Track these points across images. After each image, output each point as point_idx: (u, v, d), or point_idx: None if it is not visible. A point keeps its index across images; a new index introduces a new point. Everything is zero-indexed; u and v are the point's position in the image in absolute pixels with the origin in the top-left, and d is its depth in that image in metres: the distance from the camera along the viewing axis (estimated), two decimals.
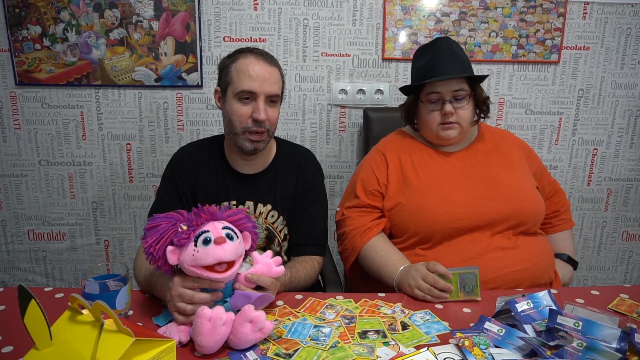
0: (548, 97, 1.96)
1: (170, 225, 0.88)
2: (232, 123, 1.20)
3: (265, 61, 1.19)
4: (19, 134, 1.88)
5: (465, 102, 1.28)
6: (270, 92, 1.18)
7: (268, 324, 0.85)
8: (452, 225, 1.21)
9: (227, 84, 1.20)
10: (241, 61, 1.19)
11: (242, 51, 1.22)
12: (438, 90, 1.27)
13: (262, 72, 1.17)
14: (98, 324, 0.68)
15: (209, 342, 0.81)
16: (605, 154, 2.03)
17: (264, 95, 1.17)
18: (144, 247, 0.88)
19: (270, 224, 1.28)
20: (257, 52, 1.21)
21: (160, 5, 1.77)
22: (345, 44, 1.86)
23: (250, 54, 1.20)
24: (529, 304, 0.92)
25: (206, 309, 0.82)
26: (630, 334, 0.81)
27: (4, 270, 2.02)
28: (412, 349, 0.86)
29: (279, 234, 1.29)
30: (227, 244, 0.86)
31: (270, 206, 1.27)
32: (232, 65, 1.19)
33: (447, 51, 1.28)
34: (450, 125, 1.28)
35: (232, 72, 1.19)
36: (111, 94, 1.86)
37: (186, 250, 0.86)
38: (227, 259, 0.86)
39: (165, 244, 0.86)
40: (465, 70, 1.28)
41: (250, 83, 1.16)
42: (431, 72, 1.27)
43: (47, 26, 1.76)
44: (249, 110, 1.17)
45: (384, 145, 1.40)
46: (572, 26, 1.89)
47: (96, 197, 1.96)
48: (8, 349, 0.83)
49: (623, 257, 2.16)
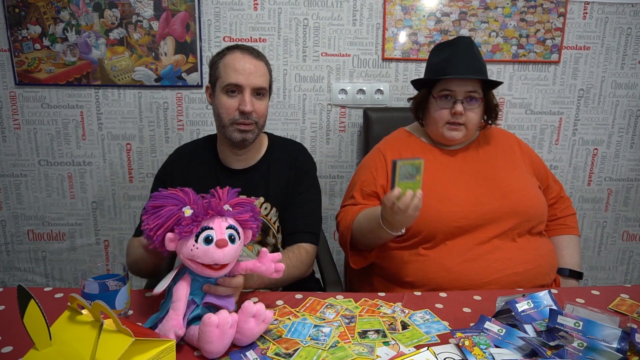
0: (548, 97, 1.96)
1: (175, 209, 0.85)
2: (220, 116, 1.24)
3: (251, 55, 1.24)
4: (18, 134, 1.88)
5: (477, 105, 1.28)
6: (256, 85, 1.22)
7: (268, 313, 0.86)
8: (454, 224, 1.21)
9: (216, 79, 1.25)
10: (228, 57, 1.23)
11: (230, 48, 1.26)
12: (452, 89, 1.26)
13: (247, 65, 1.21)
14: (97, 324, 0.68)
15: (219, 347, 0.81)
16: (605, 154, 2.03)
17: (250, 88, 1.21)
18: (143, 228, 0.87)
19: (264, 216, 1.29)
20: (243, 48, 1.25)
21: (160, 5, 1.77)
22: (345, 44, 1.86)
23: (237, 49, 1.25)
24: (529, 304, 0.92)
25: (212, 317, 0.80)
26: (630, 334, 0.81)
27: (4, 270, 2.02)
28: (412, 348, 0.85)
29: (273, 226, 1.30)
30: (227, 248, 0.85)
31: (263, 199, 1.29)
32: (220, 62, 1.24)
33: (467, 51, 1.27)
34: (456, 127, 1.28)
35: (220, 67, 1.24)
36: (111, 94, 1.85)
37: (186, 243, 0.85)
38: (225, 262, 0.86)
39: (166, 231, 0.85)
40: (482, 73, 1.28)
41: (237, 76, 1.20)
42: (449, 69, 1.26)
43: (47, 26, 1.76)
44: (236, 102, 1.22)
45: (385, 145, 1.40)
46: (573, 26, 1.89)
47: (96, 197, 1.96)
48: (8, 349, 0.83)
49: (623, 257, 2.16)
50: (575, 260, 1.35)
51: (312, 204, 1.33)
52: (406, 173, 1.07)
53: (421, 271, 1.22)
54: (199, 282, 0.90)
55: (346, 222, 1.29)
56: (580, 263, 1.36)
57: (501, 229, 1.22)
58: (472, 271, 1.18)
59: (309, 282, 1.37)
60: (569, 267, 1.33)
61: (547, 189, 1.40)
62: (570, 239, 1.39)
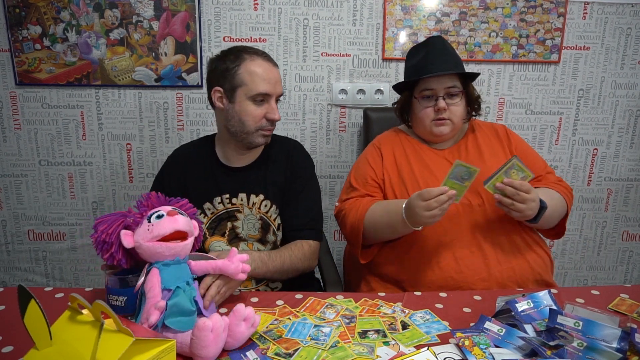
0: (548, 97, 1.96)
1: (119, 216, 0.91)
2: (244, 123, 1.24)
3: (271, 63, 1.26)
4: (19, 134, 1.88)
5: (458, 99, 1.31)
6: (280, 93, 1.27)
7: (257, 317, 0.87)
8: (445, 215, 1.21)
9: (237, 86, 1.23)
10: (251, 63, 1.22)
11: (247, 52, 1.24)
12: (432, 87, 1.29)
13: (272, 74, 1.24)
14: (98, 323, 0.68)
15: (213, 351, 0.81)
16: (605, 154, 2.03)
17: (275, 96, 1.25)
18: (93, 239, 0.90)
19: (264, 213, 1.30)
20: (261, 54, 1.26)
21: (160, 5, 1.77)
22: (345, 44, 1.86)
23: (256, 56, 1.24)
24: (529, 303, 0.92)
25: (207, 321, 0.79)
26: (630, 334, 0.81)
27: (4, 270, 2.02)
28: (412, 348, 0.86)
29: (273, 223, 1.30)
30: (179, 216, 0.90)
31: (262, 196, 1.30)
32: (241, 67, 1.22)
33: (440, 49, 1.31)
34: (442, 122, 1.30)
35: (242, 74, 1.22)
36: (111, 94, 1.86)
37: (140, 228, 0.89)
38: (182, 228, 0.89)
39: (117, 229, 0.88)
40: (458, 67, 1.31)
41: (266, 86, 1.22)
42: (426, 69, 1.29)
43: (47, 26, 1.76)
44: (263, 110, 1.24)
45: (379, 141, 1.42)
46: (572, 26, 1.89)
47: (96, 197, 1.96)
48: (8, 349, 0.83)
49: (623, 257, 2.16)
50: (551, 204, 1.20)
51: (311, 200, 1.34)
52: (459, 175, 1.11)
53: (414, 268, 1.23)
54: (168, 268, 0.89)
55: (357, 214, 1.27)
56: (549, 203, 1.18)
57: (492, 221, 1.23)
58: (466, 267, 1.19)
59: (309, 282, 1.37)
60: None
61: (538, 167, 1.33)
62: (551, 192, 1.27)
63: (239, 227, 1.30)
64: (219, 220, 1.30)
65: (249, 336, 0.86)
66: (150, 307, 0.83)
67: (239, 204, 1.30)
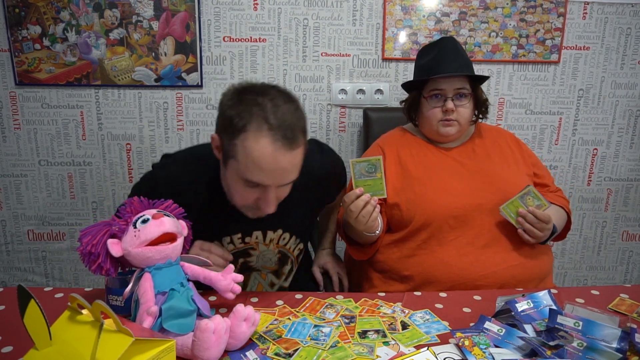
0: (548, 97, 1.96)
1: (103, 225, 0.87)
2: (232, 196, 1.03)
3: (285, 147, 0.91)
4: (18, 134, 1.88)
5: (466, 101, 1.31)
6: (285, 182, 0.98)
7: (257, 315, 0.87)
8: (450, 213, 1.22)
9: (230, 156, 0.96)
10: (251, 140, 0.91)
11: (258, 113, 0.91)
12: (441, 87, 1.29)
13: (276, 163, 0.92)
14: (98, 323, 0.68)
15: (216, 352, 0.80)
16: (605, 154, 2.03)
17: (275, 186, 0.97)
18: (79, 251, 0.85)
19: (282, 246, 1.19)
20: (275, 130, 0.90)
21: (160, 5, 1.77)
22: (345, 44, 1.86)
23: (267, 129, 0.90)
24: (529, 303, 0.92)
25: (208, 323, 0.79)
26: (630, 334, 0.81)
27: (4, 270, 2.02)
28: (412, 348, 0.86)
29: (292, 254, 1.24)
30: (165, 218, 0.86)
31: (281, 231, 1.16)
32: (241, 137, 0.92)
33: (452, 50, 1.31)
34: (450, 122, 1.30)
35: (238, 148, 0.93)
36: (111, 94, 1.85)
37: (127, 235, 0.85)
38: (169, 230, 0.86)
39: (103, 239, 0.85)
40: (468, 69, 1.32)
41: (260, 176, 0.94)
42: (436, 69, 1.30)
43: (47, 26, 1.76)
44: (255, 194, 0.98)
45: (384, 141, 1.43)
46: (572, 26, 1.89)
47: (96, 197, 1.96)
48: (8, 349, 0.83)
49: (623, 257, 2.16)
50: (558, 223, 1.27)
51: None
52: (363, 172, 1.10)
53: (419, 265, 1.23)
54: (160, 272, 0.87)
55: (340, 215, 1.32)
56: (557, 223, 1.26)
57: (497, 221, 1.23)
58: (470, 264, 1.19)
59: (309, 282, 1.37)
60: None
61: (543, 176, 1.38)
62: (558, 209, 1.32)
63: (252, 262, 1.18)
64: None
65: (250, 335, 0.86)
66: (143, 312, 0.82)
67: (254, 242, 1.14)
